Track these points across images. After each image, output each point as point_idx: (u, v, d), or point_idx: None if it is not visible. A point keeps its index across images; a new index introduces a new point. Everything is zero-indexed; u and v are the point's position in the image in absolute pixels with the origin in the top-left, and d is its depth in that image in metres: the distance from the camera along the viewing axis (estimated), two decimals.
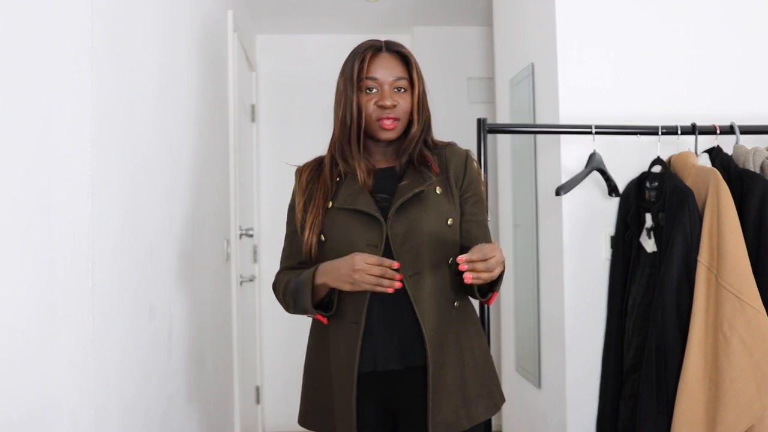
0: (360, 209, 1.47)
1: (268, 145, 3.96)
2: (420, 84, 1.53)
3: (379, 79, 1.49)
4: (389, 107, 1.48)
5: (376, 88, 1.50)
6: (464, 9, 3.65)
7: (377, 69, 1.50)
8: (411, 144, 1.53)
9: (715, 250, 1.83)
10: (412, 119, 1.53)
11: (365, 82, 1.49)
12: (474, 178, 1.57)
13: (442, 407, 1.45)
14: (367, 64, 1.49)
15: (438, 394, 1.45)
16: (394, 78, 1.50)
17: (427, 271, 1.46)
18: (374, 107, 1.49)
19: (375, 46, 1.52)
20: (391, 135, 1.51)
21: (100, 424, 1.28)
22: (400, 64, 1.52)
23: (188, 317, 1.98)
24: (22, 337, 1.01)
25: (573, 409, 2.23)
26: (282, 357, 3.87)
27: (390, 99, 1.48)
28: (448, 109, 3.79)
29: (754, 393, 1.76)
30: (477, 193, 1.57)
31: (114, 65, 1.40)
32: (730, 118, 2.14)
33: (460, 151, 1.59)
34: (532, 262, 2.53)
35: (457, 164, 1.56)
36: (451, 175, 1.54)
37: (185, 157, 2.00)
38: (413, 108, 1.52)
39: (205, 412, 2.19)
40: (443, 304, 1.48)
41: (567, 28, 2.27)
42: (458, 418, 1.46)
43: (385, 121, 1.49)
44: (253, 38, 3.86)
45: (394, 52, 1.53)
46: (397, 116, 1.50)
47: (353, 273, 1.37)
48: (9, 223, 0.97)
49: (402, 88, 1.51)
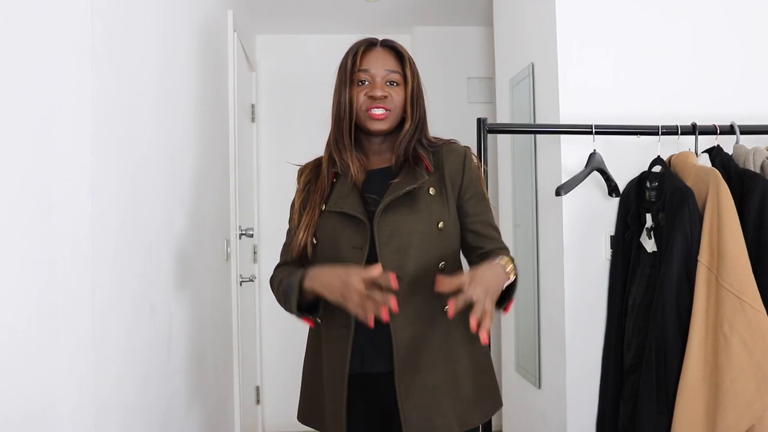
0: (346, 212, 1.46)
1: (268, 145, 3.96)
2: (414, 80, 1.51)
3: (371, 71, 1.49)
4: (379, 97, 1.47)
5: (368, 81, 1.49)
6: (464, 9, 3.65)
7: (369, 62, 1.50)
8: (404, 140, 1.51)
9: (715, 250, 1.83)
10: (406, 115, 1.51)
11: (357, 74, 1.49)
12: (474, 178, 1.53)
13: (421, 411, 1.42)
14: (359, 57, 1.49)
15: (413, 398, 1.42)
16: (386, 71, 1.49)
17: (412, 274, 1.44)
18: (365, 98, 1.49)
19: (369, 42, 1.53)
20: (382, 126, 1.49)
21: (100, 424, 1.28)
22: (393, 58, 1.52)
23: (188, 317, 1.98)
24: (22, 337, 1.01)
25: (573, 409, 2.23)
26: (282, 357, 3.87)
27: (380, 90, 1.48)
28: (448, 109, 3.79)
29: (754, 393, 1.76)
30: (478, 192, 1.54)
31: (114, 65, 1.40)
32: (730, 118, 2.14)
33: (458, 150, 1.55)
34: (532, 262, 2.53)
35: (455, 164, 1.52)
36: (446, 175, 1.51)
37: (185, 157, 2.00)
38: (406, 103, 1.51)
39: (205, 412, 2.19)
40: (428, 307, 1.45)
41: (567, 28, 2.27)
42: (443, 422, 1.43)
43: (374, 110, 1.47)
44: (253, 38, 3.86)
45: (388, 47, 1.53)
46: (387, 107, 1.48)
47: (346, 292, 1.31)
48: (9, 223, 0.97)
49: (394, 81, 1.50)
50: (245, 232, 3.01)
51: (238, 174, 2.80)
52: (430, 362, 1.45)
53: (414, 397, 1.43)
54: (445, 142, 1.57)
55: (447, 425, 1.44)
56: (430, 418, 1.43)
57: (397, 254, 1.43)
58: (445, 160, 1.53)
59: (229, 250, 2.69)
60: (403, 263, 1.43)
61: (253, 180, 3.71)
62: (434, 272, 1.44)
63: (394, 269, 1.40)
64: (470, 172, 1.53)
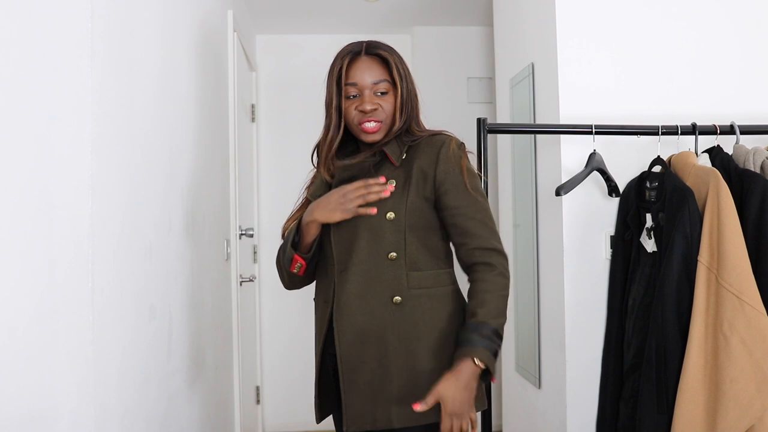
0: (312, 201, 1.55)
1: (268, 145, 3.96)
2: (403, 84, 1.51)
3: (358, 84, 1.49)
4: (369, 111, 1.48)
5: (356, 94, 1.50)
6: (464, 9, 3.65)
7: (356, 74, 1.49)
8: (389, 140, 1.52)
9: (715, 250, 1.83)
10: (395, 119, 1.52)
11: (346, 88, 1.50)
12: (450, 169, 1.47)
13: (358, 403, 1.46)
14: (345, 70, 1.49)
15: (354, 389, 1.47)
16: (374, 81, 1.49)
17: (357, 265, 1.47)
18: (356, 112, 1.50)
19: (354, 51, 1.51)
20: (375, 137, 1.51)
21: (100, 424, 1.28)
22: (379, 66, 1.51)
23: (188, 317, 1.98)
24: (22, 338, 1.01)
25: (573, 409, 2.23)
26: (282, 357, 3.88)
27: (370, 103, 1.48)
28: (448, 109, 3.79)
29: (754, 393, 1.76)
30: (458, 184, 1.47)
31: (114, 65, 1.40)
32: (730, 118, 2.14)
33: (436, 142, 1.50)
34: (532, 262, 2.53)
35: (428, 156, 1.49)
36: (414, 167, 1.48)
37: (185, 157, 2.00)
38: (396, 109, 1.51)
39: (205, 412, 2.19)
40: (375, 300, 1.46)
41: (567, 28, 2.27)
42: (383, 415, 1.44)
43: (366, 124, 1.49)
44: (253, 38, 3.86)
45: (373, 55, 1.51)
46: (378, 119, 1.50)
47: (343, 199, 1.44)
48: (9, 223, 0.97)
49: (384, 91, 1.50)
50: (245, 232, 3.01)
51: (238, 174, 2.80)
52: (374, 355, 1.47)
53: (356, 389, 1.50)
54: (431, 135, 1.54)
55: (388, 417, 1.46)
56: (378, 411, 1.47)
57: (343, 245, 1.49)
58: (420, 152, 1.51)
59: (229, 250, 2.69)
60: (351, 255, 1.48)
61: (253, 180, 3.71)
62: (383, 263, 1.47)
63: (341, 263, 1.48)
64: (445, 163, 1.48)
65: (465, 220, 1.47)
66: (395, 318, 1.46)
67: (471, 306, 1.45)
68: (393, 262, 1.46)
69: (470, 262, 1.48)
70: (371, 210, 1.44)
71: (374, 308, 1.46)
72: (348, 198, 1.45)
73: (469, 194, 1.48)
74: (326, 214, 1.47)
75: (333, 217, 1.47)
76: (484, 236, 1.47)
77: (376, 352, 1.46)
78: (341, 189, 1.47)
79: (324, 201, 1.49)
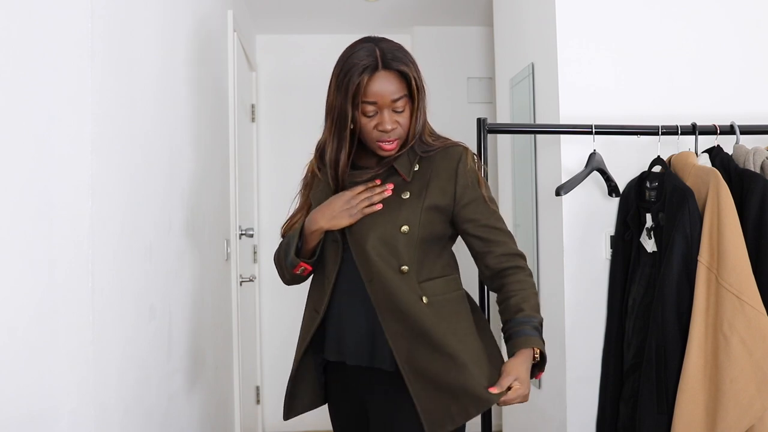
0: None
1: (267, 145, 3.96)
2: (419, 96, 1.47)
3: (378, 103, 1.44)
4: (389, 131, 1.46)
5: (375, 111, 1.45)
6: (464, 9, 3.65)
7: (375, 93, 1.43)
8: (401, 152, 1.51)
9: (715, 250, 1.83)
10: (411, 133, 1.50)
11: (363, 106, 1.44)
12: (470, 182, 1.49)
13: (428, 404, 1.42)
14: (364, 86, 1.42)
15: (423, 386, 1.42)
16: (393, 99, 1.44)
17: (378, 276, 1.44)
18: (374, 131, 1.47)
19: (371, 66, 1.42)
20: (391, 153, 1.50)
21: (100, 424, 1.28)
22: (397, 81, 1.45)
23: (188, 317, 1.98)
24: (22, 338, 1.01)
25: (573, 409, 2.23)
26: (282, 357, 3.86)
27: (390, 123, 1.45)
28: (448, 109, 3.78)
29: (754, 393, 1.76)
30: (477, 196, 1.50)
31: (114, 65, 1.40)
32: (730, 118, 2.14)
33: (453, 155, 1.50)
34: (532, 262, 2.53)
35: (445, 173, 1.49)
36: (432, 181, 1.48)
37: (185, 157, 2.00)
38: (411, 124, 1.49)
39: (205, 413, 2.19)
40: (407, 298, 1.44)
41: (567, 28, 2.27)
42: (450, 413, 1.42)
43: (385, 144, 1.47)
44: (253, 38, 3.86)
45: (393, 71, 1.45)
46: (396, 138, 1.48)
47: (347, 205, 1.45)
48: (9, 223, 0.97)
49: (401, 109, 1.46)
50: (245, 232, 3.01)
51: (238, 174, 2.80)
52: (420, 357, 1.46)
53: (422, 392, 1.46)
54: (443, 146, 1.52)
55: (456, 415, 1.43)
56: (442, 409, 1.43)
57: (363, 256, 1.46)
58: (435, 165, 1.50)
59: (229, 250, 2.69)
60: (372, 266, 1.45)
61: (253, 180, 3.71)
62: (399, 276, 1.45)
63: (366, 273, 1.46)
64: (464, 177, 1.49)
65: (488, 231, 1.51)
66: (431, 311, 1.45)
67: (513, 302, 1.48)
68: (405, 275, 1.46)
69: (500, 267, 1.50)
70: (377, 206, 1.46)
71: (409, 307, 1.44)
72: (352, 204, 1.46)
73: (488, 206, 1.52)
74: (332, 222, 1.48)
75: (340, 224, 1.47)
76: (508, 243, 1.52)
77: (427, 346, 1.44)
78: (341, 196, 1.48)
79: (327, 208, 1.49)
